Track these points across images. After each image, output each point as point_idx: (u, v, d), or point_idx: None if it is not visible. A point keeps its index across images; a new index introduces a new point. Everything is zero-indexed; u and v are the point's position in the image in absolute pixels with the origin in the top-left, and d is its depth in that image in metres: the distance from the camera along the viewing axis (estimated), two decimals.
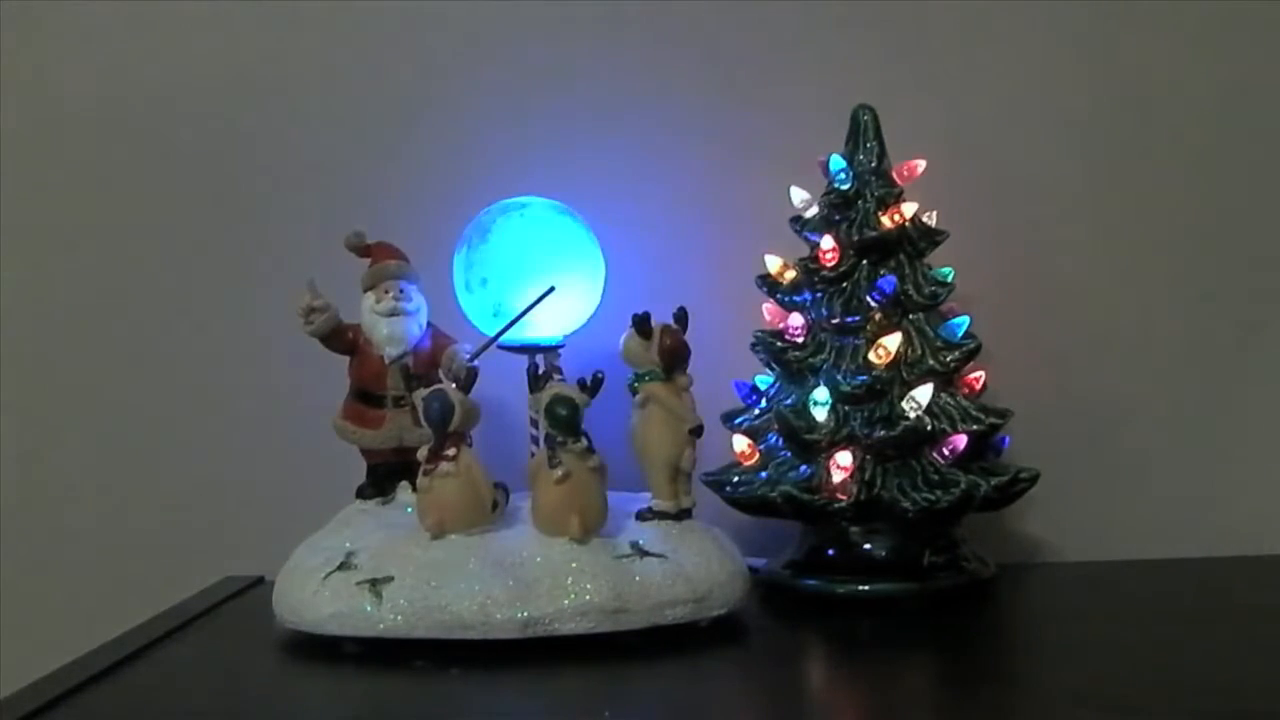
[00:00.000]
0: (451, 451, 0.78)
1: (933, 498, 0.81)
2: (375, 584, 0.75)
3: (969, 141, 0.99)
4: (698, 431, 0.81)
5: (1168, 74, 0.99)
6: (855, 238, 0.86)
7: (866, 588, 0.83)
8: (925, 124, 0.95)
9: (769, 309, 0.91)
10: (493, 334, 0.86)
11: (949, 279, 0.86)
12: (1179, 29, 0.99)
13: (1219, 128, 0.99)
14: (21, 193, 1.05)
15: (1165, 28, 0.99)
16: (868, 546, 0.84)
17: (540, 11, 1.02)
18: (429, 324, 0.88)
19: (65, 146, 1.05)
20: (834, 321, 0.85)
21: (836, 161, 0.88)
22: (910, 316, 0.86)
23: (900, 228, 0.85)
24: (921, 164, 0.88)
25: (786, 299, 0.89)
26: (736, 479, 0.87)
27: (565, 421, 0.77)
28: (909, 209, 0.86)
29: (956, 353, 0.85)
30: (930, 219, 0.88)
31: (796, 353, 0.87)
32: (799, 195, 0.91)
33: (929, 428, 0.82)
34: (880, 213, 0.86)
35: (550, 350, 0.90)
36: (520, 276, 0.87)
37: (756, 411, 0.89)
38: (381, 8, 1.03)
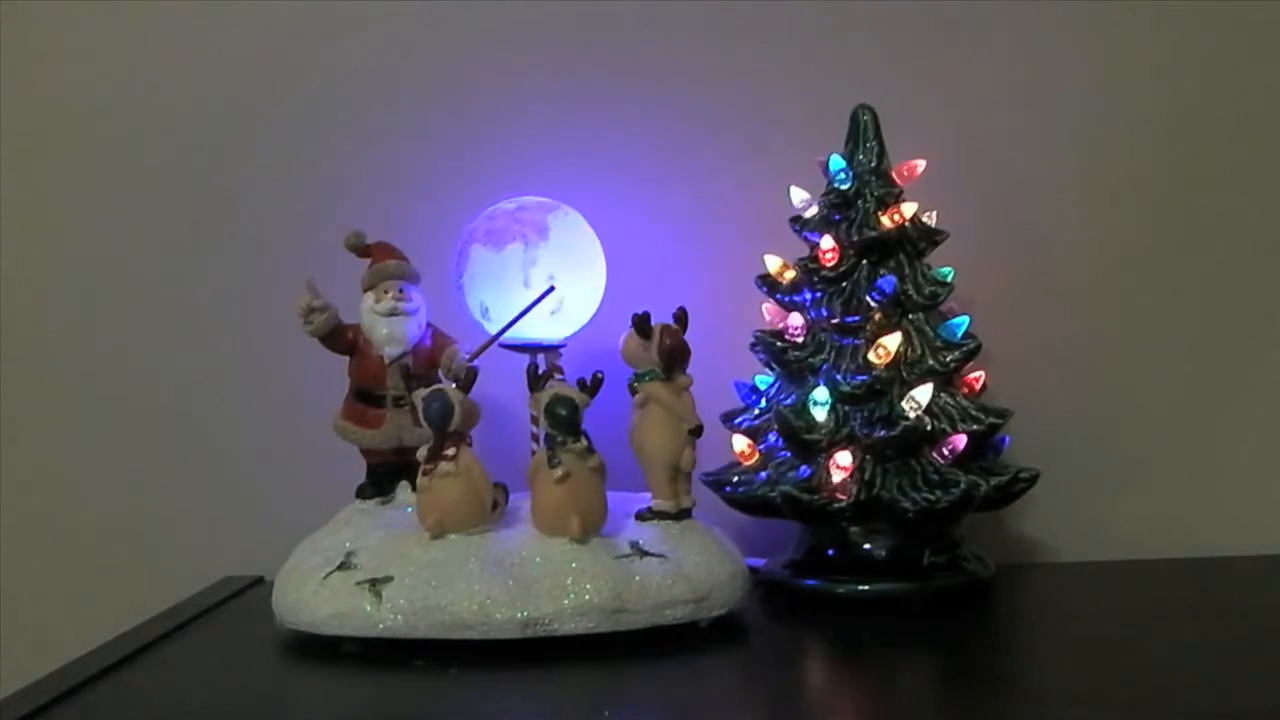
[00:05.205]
0: (451, 451, 0.78)
1: (933, 498, 0.81)
2: (375, 584, 0.75)
3: (970, 141, 0.99)
4: (697, 432, 0.81)
5: (1168, 74, 0.99)
6: (855, 238, 0.86)
7: (866, 588, 0.83)
8: (925, 124, 0.95)
9: (769, 309, 0.91)
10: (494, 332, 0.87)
11: (949, 279, 0.86)
12: (1180, 28, 0.99)
13: (1220, 128, 0.99)
14: (21, 193, 1.05)
15: (1166, 27, 0.99)
16: (867, 546, 0.84)
17: (540, 11, 1.02)
18: (429, 324, 0.88)
19: (64, 146, 1.04)
20: (834, 321, 0.85)
21: (836, 161, 0.88)
22: (910, 316, 0.86)
23: (900, 228, 0.85)
24: (921, 164, 0.88)
25: (786, 299, 0.89)
26: (736, 479, 0.87)
27: (565, 421, 0.77)
28: (909, 209, 0.86)
29: (956, 353, 0.84)
30: (930, 219, 0.88)
31: (796, 353, 0.87)
32: (799, 195, 0.91)
33: (929, 428, 0.82)
34: (880, 213, 0.86)
35: (551, 350, 0.90)
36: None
37: (756, 411, 0.89)
38: (381, 8, 1.03)
